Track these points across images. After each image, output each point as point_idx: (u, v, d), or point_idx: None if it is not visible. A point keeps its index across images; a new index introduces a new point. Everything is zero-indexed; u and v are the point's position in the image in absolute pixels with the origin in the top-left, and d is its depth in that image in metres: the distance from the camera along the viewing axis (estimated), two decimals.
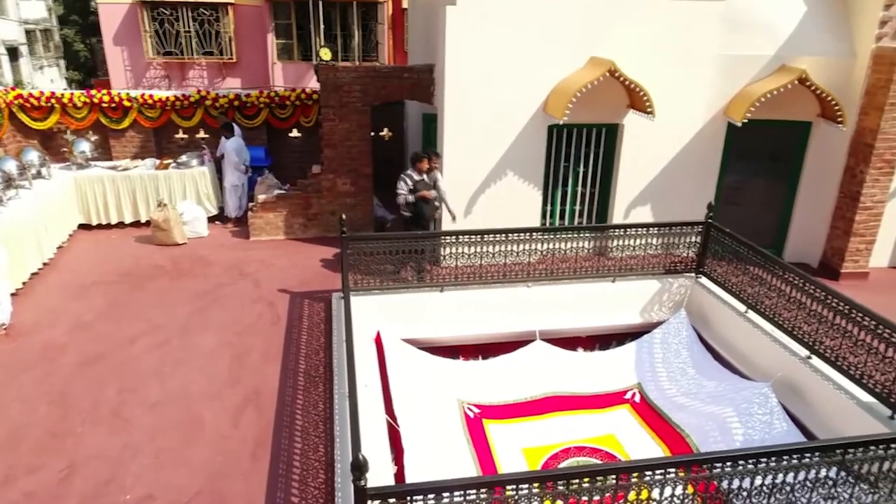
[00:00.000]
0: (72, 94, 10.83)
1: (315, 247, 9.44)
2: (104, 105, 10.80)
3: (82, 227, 9.98)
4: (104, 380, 6.05)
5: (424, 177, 8.02)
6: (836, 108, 8.18)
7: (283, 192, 9.83)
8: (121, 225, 10.14)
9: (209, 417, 5.58)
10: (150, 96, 10.96)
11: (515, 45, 8.01)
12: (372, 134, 9.57)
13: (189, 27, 15.50)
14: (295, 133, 11.26)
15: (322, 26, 15.30)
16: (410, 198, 7.98)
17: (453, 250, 7.16)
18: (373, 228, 9.88)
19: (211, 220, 10.34)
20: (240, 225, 10.31)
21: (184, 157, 10.50)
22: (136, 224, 10.15)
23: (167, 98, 11.01)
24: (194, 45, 15.66)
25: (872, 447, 3.95)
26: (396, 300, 7.11)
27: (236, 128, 10.65)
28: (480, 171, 8.53)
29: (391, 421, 5.62)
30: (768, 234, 9.38)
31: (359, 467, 3.30)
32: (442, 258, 7.21)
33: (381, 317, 6.95)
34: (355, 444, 3.91)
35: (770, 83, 8.23)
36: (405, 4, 15.36)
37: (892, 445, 3.98)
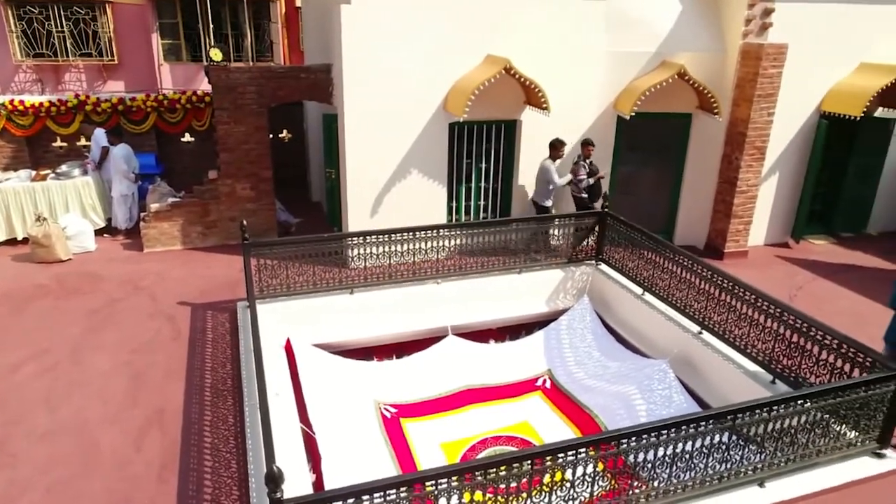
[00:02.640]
0: None
1: (216, 255, 9.06)
2: None
3: None
4: None
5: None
6: (712, 100, 8.82)
7: (177, 199, 9.36)
8: None
9: (107, 443, 5.23)
10: (21, 102, 10.10)
11: (412, 44, 8.04)
12: (271, 136, 9.30)
13: (62, 27, 14.36)
14: (188, 138, 10.75)
15: (211, 26, 14.64)
16: (591, 180, 8.78)
17: (361, 251, 7.09)
18: (276, 234, 9.61)
19: (98, 233, 9.67)
20: (131, 237, 9.70)
21: (64, 167, 9.76)
22: (13, 242, 9.32)
23: (41, 104, 10.18)
24: (69, 46, 14.53)
25: (758, 411, 4.30)
26: (305, 305, 6.96)
27: (101, 132, 10.00)
28: (384, 171, 8.50)
29: (306, 429, 5.49)
30: (660, 220, 9.97)
31: (273, 479, 3.21)
32: (350, 260, 7.13)
33: (290, 323, 6.78)
34: (269, 456, 3.80)
35: (653, 78, 8.75)
36: (299, 3, 15.00)
37: (775, 408, 4.36)
